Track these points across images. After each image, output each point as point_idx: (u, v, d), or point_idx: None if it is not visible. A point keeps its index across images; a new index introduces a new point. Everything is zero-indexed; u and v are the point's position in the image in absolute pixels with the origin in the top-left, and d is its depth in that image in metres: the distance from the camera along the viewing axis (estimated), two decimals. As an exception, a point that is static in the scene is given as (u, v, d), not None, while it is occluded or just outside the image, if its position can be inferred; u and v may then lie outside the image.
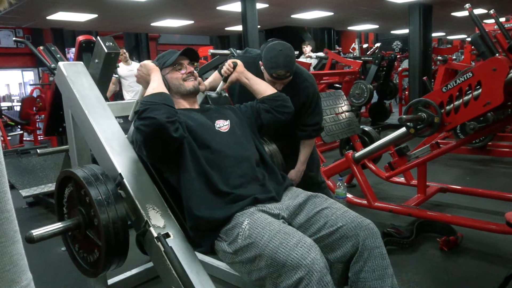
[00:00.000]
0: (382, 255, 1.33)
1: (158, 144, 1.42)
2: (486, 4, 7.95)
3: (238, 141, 1.56)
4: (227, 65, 1.84)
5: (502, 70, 2.23)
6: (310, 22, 10.39)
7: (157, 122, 1.35)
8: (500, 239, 2.56)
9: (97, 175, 1.46)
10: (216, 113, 1.65)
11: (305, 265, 1.15)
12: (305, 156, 2.20)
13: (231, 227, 1.36)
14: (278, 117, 1.74)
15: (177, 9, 7.91)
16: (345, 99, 3.90)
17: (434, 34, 11.33)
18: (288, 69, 1.91)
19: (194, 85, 1.68)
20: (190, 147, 1.46)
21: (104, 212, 1.38)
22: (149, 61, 1.66)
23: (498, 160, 4.74)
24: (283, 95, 1.78)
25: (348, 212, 1.39)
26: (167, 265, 1.38)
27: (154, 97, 1.44)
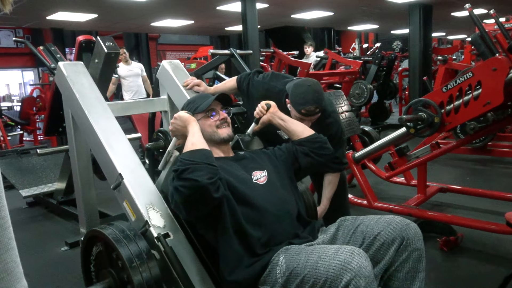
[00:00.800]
0: (420, 258, 1.31)
1: (198, 205, 1.33)
2: (486, 4, 7.95)
3: (277, 195, 1.49)
4: (260, 107, 1.74)
5: (502, 70, 2.23)
6: (310, 22, 10.38)
7: (199, 185, 1.26)
8: (500, 239, 2.56)
9: (128, 234, 1.39)
10: (251, 163, 1.57)
11: (350, 269, 1.09)
12: (330, 193, 2.11)
13: (269, 271, 1.31)
14: (318, 160, 1.65)
15: (177, 9, 7.91)
16: (345, 99, 3.90)
17: (434, 34, 11.33)
18: (317, 105, 1.85)
19: (228, 133, 1.61)
20: (229, 204, 1.38)
21: (138, 274, 1.31)
22: (184, 112, 1.55)
23: (498, 160, 4.74)
24: (322, 137, 1.69)
25: (383, 217, 1.35)
26: (167, 265, 1.38)
27: (195, 155, 1.34)
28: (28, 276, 2.09)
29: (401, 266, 1.29)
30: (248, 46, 6.90)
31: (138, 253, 1.34)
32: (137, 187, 1.55)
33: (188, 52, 15.13)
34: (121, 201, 1.58)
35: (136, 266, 1.31)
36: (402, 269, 1.29)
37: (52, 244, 2.97)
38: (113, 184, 1.59)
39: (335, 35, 12.80)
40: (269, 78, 2.13)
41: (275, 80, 2.11)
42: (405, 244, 1.28)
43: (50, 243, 2.98)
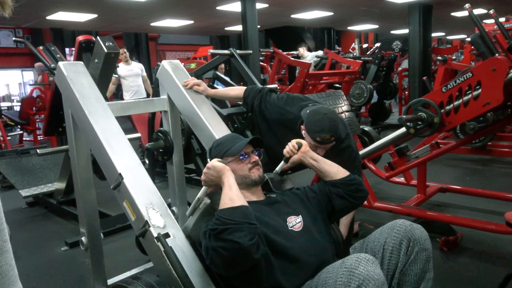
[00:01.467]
0: (428, 259, 1.30)
1: (237, 265, 1.27)
2: (486, 4, 7.95)
3: (314, 244, 1.43)
4: (291, 146, 1.66)
5: (502, 70, 2.23)
6: (310, 22, 10.38)
7: (241, 247, 1.20)
8: (500, 239, 2.56)
9: (153, 285, 1.35)
10: (285, 207, 1.51)
11: (357, 275, 1.07)
12: (347, 219, 2.09)
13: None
14: (353, 203, 1.57)
15: (177, 9, 7.91)
16: (345, 99, 3.90)
17: (434, 34, 11.33)
18: (333, 133, 1.82)
19: (260, 175, 1.55)
20: (266, 259, 1.32)
21: None
22: (216, 161, 1.45)
23: (498, 160, 4.74)
24: (358, 178, 1.60)
25: (386, 225, 1.34)
26: (167, 265, 1.38)
27: (235, 214, 1.25)
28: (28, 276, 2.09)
29: (410, 268, 1.28)
30: (248, 46, 6.91)
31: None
32: (137, 187, 1.55)
33: (188, 52, 15.14)
34: (121, 201, 1.58)
35: None
36: (411, 272, 1.28)
37: (52, 244, 2.97)
38: (113, 184, 1.59)
39: (335, 35, 12.81)
40: (283, 102, 2.08)
41: (290, 104, 2.06)
42: (412, 245, 1.28)
43: (50, 243, 2.98)
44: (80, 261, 2.61)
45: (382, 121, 7.62)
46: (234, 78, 6.28)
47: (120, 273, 2.23)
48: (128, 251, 2.70)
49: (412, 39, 8.11)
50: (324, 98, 3.71)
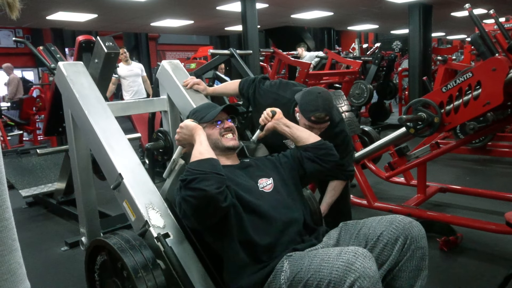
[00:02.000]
0: (423, 257, 1.30)
1: (206, 214, 1.34)
2: (486, 4, 7.95)
3: (284, 203, 1.49)
4: (265, 114, 1.73)
5: (502, 70, 2.23)
6: (310, 22, 10.38)
7: (207, 194, 1.27)
8: (500, 239, 2.56)
9: (133, 244, 1.39)
10: (257, 171, 1.58)
11: (354, 270, 1.08)
12: (332, 199, 2.10)
13: (273, 278, 1.30)
14: (323, 166, 1.63)
15: (177, 9, 7.91)
16: (345, 99, 3.90)
17: (434, 34, 11.33)
18: (327, 112, 1.84)
19: (234, 144, 1.60)
20: (236, 213, 1.38)
21: (143, 284, 1.30)
22: (189, 120, 1.55)
23: (498, 160, 4.74)
24: (328, 143, 1.67)
25: (385, 218, 1.35)
26: (167, 265, 1.38)
27: (202, 165, 1.33)
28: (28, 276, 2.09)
29: (405, 265, 1.28)
30: (248, 46, 6.91)
31: (144, 263, 1.33)
32: (137, 187, 1.55)
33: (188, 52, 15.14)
34: (121, 201, 1.58)
35: (141, 276, 1.31)
36: (406, 269, 1.28)
37: (52, 244, 2.97)
38: (113, 184, 1.59)
39: (335, 35, 12.81)
40: (277, 87, 2.10)
41: (283, 89, 2.08)
42: (409, 242, 1.28)
43: (50, 243, 2.98)
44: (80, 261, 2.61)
45: (382, 121, 7.62)
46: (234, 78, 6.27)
47: (120, 273, 2.23)
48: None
49: (412, 39, 8.11)
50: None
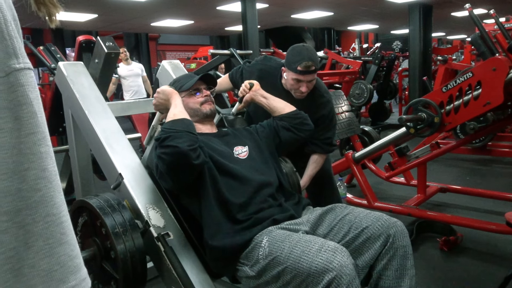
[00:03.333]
0: (407, 255, 1.31)
1: (180, 171, 1.39)
2: (486, 4, 7.95)
3: (258, 168, 1.54)
4: (243, 86, 1.80)
5: (502, 70, 2.23)
6: (310, 22, 10.39)
7: (179, 151, 1.32)
8: (500, 239, 2.56)
9: (112, 204, 1.42)
10: (234, 139, 1.63)
11: (332, 269, 1.11)
12: (313, 172, 2.12)
13: (251, 249, 1.33)
14: (298, 135, 1.71)
15: (177, 9, 7.91)
16: (345, 99, 3.91)
17: (434, 34, 11.33)
18: (312, 61, 1.86)
19: (211, 109, 1.65)
20: (211, 174, 1.43)
21: (121, 243, 1.34)
22: (166, 86, 1.63)
23: (498, 160, 4.74)
24: (302, 113, 1.75)
25: (372, 213, 1.37)
26: (167, 265, 1.38)
27: (176, 124, 1.41)
28: (28, 276, 2.05)
29: (389, 263, 1.29)
30: (248, 46, 6.91)
31: (122, 222, 1.38)
32: (137, 187, 1.55)
33: (188, 52, 15.14)
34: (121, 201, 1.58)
35: (119, 233, 1.35)
36: (390, 267, 1.29)
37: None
38: (113, 184, 1.59)
39: (335, 35, 12.82)
40: (261, 59, 2.18)
41: (268, 60, 2.16)
42: (391, 241, 1.29)
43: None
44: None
45: (382, 121, 7.62)
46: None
47: (120, 273, 2.23)
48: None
49: (412, 39, 8.11)
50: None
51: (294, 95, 1.96)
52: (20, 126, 0.45)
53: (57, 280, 0.48)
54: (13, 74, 0.45)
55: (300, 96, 1.95)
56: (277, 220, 1.39)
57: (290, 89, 1.96)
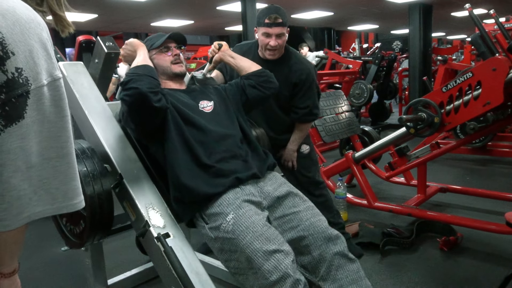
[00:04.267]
0: (351, 260, 1.40)
1: (141, 113, 1.47)
2: (486, 4, 7.95)
3: (221, 121, 1.61)
4: (213, 47, 1.90)
5: (502, 70, 2.23)
6: (310, 22, 10.38)
7: (140, 92, 1.41)
8: (500, 239, 2.56)
9: (84, 150, 1.51)
10: (200, 94, 1.70)
11: (280, 270, 1.24)
12: (296, 137, 2.23)
13: (215, 213, 1.41)
14: (264, 92, 1.78)
15: (177, 9, 7.91)
16: (345, 99, 3.91)
17: (434, 34, 11.33)
18: (279, 14, 2.00)
19: (181, 70, 1.71)
20: (175, 121, 1.51)
21: (90, 185, 1.44)
22: (135, 39, 1.71)
23: (498, 160, 4.74)
24: (268, 72, 1.82)
25: (320, 222, 1.45)
26: (167, 265, 1.38)
27: (138, 69, 1.50)
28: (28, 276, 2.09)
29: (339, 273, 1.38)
30: (248, 46, 6.90)
31: (92, 167, 1.47)
32: (137, 187, 1.55)
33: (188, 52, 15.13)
34: (121, 201, 1.58)
35: (90, 181, 1.45)
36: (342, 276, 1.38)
37: (52, 244, 2.96)
38: (113, 184, 1.59)
39: (335, 35, 12.80)
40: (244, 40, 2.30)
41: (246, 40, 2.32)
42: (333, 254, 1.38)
43: (50, 243, 2.98)
44: (80, 261, 2.61)
45: (382, 121, 7.62)
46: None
47: (120, 273, 2.23)
48: (128, 251, 2.70)
49: (412, 39, 8.11)
50: (324, 98, 3.71)
51: (267, 54, 2.08)
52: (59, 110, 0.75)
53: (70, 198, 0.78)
54: (57, 80, 0.76)
55: (271, 54, 2.06)
56: (240, 179, 1.46)
57: (262, 48, 2.08)
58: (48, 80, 0.74)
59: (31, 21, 0.71)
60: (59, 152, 0.76)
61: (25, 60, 0.68)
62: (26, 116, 0.69)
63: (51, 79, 0.74)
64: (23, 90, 0.69)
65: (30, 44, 0.70)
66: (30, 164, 0.72)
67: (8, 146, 0.69)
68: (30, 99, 0.70)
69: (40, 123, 0.72)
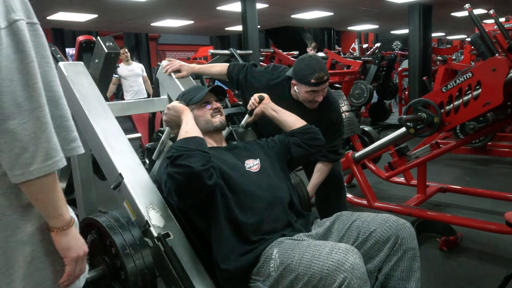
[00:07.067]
0: (414, 258, 1.32)
1: (190, 191, 1.35)
2: (486, 4, 7.95)
3: (270, 182, 1.50)
4: (253, 100, 1.76)
5: (502, 70, 2.23)
6: (310, 22, 10.39)
7: (192, 171, 1.27)
8: (500, 239, 2.56)
9: (120, 220, 1.40)
10: (244, 152, 1.60)
11: (344, 270, 1.10)
12: (318, 180, 2.10)
13: (262, 263, 1.32)
14: (309, 151, 1.67)
15: (177, 9, 7.92)
16: (345, 99, 3.91)
17: (434, 34, 11.33)
18: (324, 72, 1.88)
19: (221, 121, 1.61)
20: (222, 192, 1.39)
21: (131, 262, 1.31)
22: (177, 102, 1.58)
23: (498, 160, 4.74)
24: (314, 127, 1.71)
25: (379, 215, 1.36)
26: (167, 265, 1.38)
27: (188, 143, 1.35)
28: (28, 276, 2.03)
29: (396, 265, 1.29)
30: (248, 46, 6.91)
31: (132, 240, 1.35)
32: (137, 187, 1.55)
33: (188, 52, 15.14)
34: (121, 201, 1.58)
35: (129, 253, 1.32)
36: (397, 268, 1.29)
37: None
38: (113, 184, 1.59)
39: (335, 35, 12.81)
40: (271, 68, 2.16)
41: (277, 69, 2.13)
42: (400, 243, 1.29)
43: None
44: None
45: (382, 121, 7.62)
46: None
47: (120, 273, 2.22)
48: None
49: (412, 39, 8.11)
50: (324, 98, 3.71)
51: (308, 105, 1.96)
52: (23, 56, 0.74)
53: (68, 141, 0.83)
54: (14, 23, 0.73)
55: (313, 106, 1.95)
56: (285, 235, 1.38)
57: (303, 101, 1.95)
58: (5, 24, 0.71)
59: None
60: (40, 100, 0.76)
61: None
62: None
63: (7, 23, 0.72)
64: None
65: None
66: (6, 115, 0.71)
67: None
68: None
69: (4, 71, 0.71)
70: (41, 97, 0.76)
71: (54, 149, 0.77)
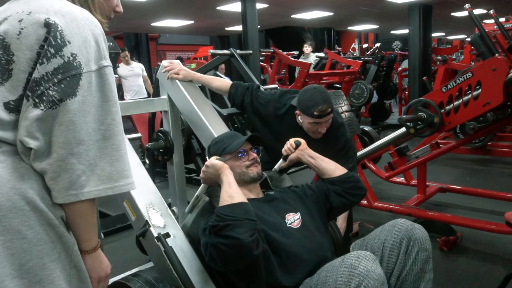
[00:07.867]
0: (427, 259, 1.31)
1: (237, 261, 1.27)
2: (486, 4, 7.95)
3: (313, 241, 1.43)
4: (289, 145, 1.67)
5: (502, 70, 2.23)
6: (310, 22, 10.38)
7: (241, 243, 1.19)
8: (500, 239, 2.56)
9: (153, 284, 1.35)
10: (283, 204, 1.51)
11: (357, 274, 1.07)
12: (344, 215, 2.08)
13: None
14: (351, 200, 1.57)
15: (177, 9, 7.91)
16: (345, 99, 3.90)
17: (434, 34, 11.32)
18: (328, 104, 1.84)
19: (258, 172, 1.53)
20: (265, 255, 1.31)
21: None
22: (215, 158, 1.44)
23: (498, 160, 4.74)
24: (355, 175, 1.62)
25: (386, 225, 1.36)
26: (167, 265, 1.38)
27: (235, 210, 1.25)
28: (28, 276, 2.04)
29: (411, 269, 1.29)
30: (248, 46, 6.90)
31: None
32: (137, 187, 1.54)
33: (188, 52, 15.15)
34: (121, 201, 1.58)
35: None
36: (411, 272, 1.29)
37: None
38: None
39: (335, 35, 12.80)
40: (278, 95, 2.10)
41: (283, 96, 2.08)
42: (412, 244, 1.29)
43: None
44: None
45: (382, 121, 7.62)
46: (234, 78, 6.28)
47: (120, 273, 2.22)
48: (128, 251, 2.70)
49: (412, 39, 8.10)
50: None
51: (312, 136, 1.94)
52: (103, 95, 0.87)
53: (114, 180, 0.89)
54: (102, 68, 0.88)
55: (317, 136, 1.93)
56: None
57: (307, 131, 1.94)
58: (96, 67, 0.86)
59: (86, 19, 0.88)
60: (105, 134, 0.86)
61: (79, 48, 0.84)
62: (78, 94, 0.82)
63: (97, 67, 0.87)
64: (77, 71, 0.83)
65: (84, 36, 0.85)
66: (79, 140, 0.82)
67: (61, 118, 0.81)
68: (82, 81, 0.83)
69: (89, 104, 0.84)
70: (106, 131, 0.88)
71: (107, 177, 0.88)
